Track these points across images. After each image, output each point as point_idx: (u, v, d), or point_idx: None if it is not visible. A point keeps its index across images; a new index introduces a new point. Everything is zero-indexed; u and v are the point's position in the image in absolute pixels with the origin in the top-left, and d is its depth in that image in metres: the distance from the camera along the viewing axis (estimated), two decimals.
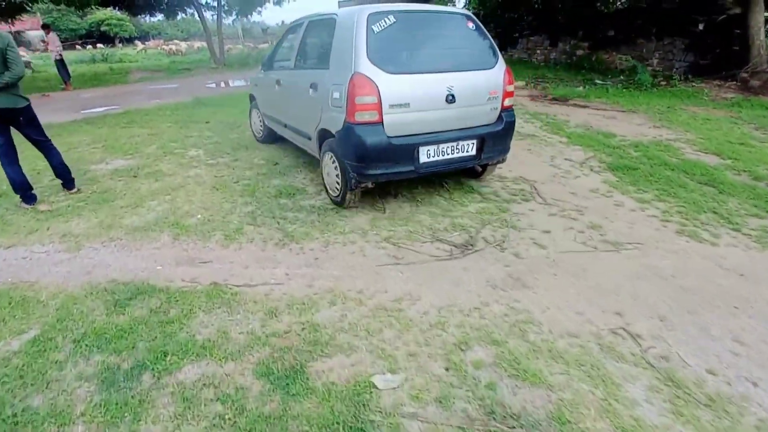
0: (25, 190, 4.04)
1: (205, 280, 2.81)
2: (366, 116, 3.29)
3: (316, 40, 4.33)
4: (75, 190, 4.42)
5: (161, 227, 3.61)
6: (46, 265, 3.10)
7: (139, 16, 24.37)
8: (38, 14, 18.82)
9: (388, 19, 3.38)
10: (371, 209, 3.85)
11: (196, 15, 19.62)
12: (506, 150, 4.00)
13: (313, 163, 5.07)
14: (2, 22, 15.02)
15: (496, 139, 3.77)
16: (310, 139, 4.15)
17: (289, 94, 4.57)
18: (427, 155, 3.51)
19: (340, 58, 3.49)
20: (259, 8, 20.48)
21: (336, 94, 3.46)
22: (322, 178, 4.03)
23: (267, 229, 3.53)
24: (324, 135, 3.79)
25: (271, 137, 5.78)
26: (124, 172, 5.10)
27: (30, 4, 14.84)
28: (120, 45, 44.53)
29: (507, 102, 3.82)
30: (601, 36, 12.39)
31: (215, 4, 19.03)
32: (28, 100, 3.88)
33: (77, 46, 40.14)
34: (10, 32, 11.49)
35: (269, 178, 4.71)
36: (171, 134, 6.87)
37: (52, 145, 4.17)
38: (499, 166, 4.42)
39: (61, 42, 14.32)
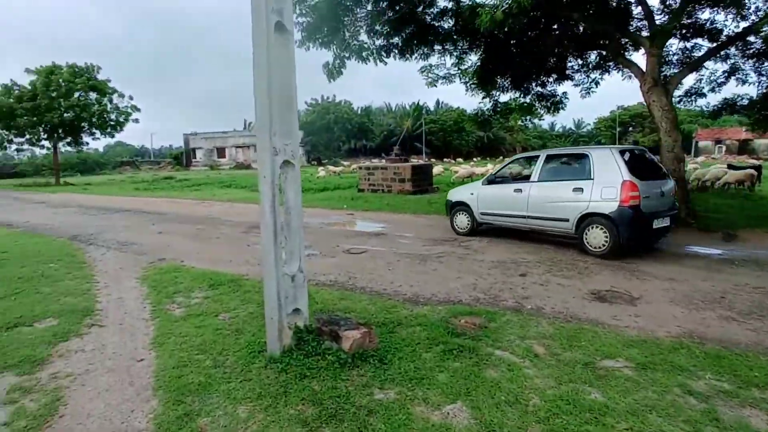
0: None
1: None
2: (633, 202, 6.32)
3: (565, 164, 7.63)
4: None
5: None
6: None
7: None
8: None
9: (626, 153, 6.85)
10: None
11: None
12: (677, 223, 7.49)
13: None
14: None
15: (675, 217, 7.23)
16: (566, 221, 6.93)
17: (541, 196, 7.30)
18: (655, 224, 6.56)
19: (606, 172, 6.58)
20: None
21: (608, 191, 6.45)
22: (584, 243, 6.80)
23: None
24: (587, 216, 6.70)
25: (473, 231, 8.52)
26: None
27: None
28: None
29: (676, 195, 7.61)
30: None
31: None
32: None
33: None
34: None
35: None
36: None
37: None
38: None
39: None
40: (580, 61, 13.76)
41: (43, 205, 16.67)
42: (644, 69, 9.71)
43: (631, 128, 68.57)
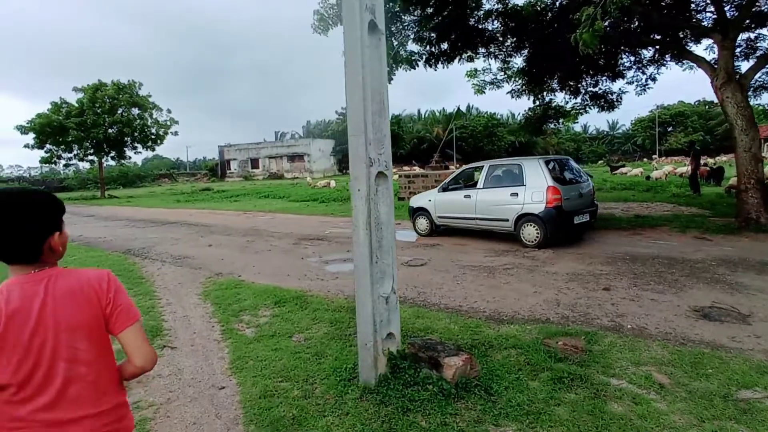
0: None
1: None
2: (556, 204, 7.55)
3: (504, 173, 8.59)
4: None
5: None
6: None
7: None
8: None
9: (550, 163, 8.20)
10: None
11: None
12: (596, 219, 8.88)
13: None
14: None
15: (595, 212, 8.60)
16: (507, 221, 8.14)
17: (486, 200, 8.49)
18: (576, 219, 7.89)
19: (535, 179, 7.81)
20: None
21: (537, 195, 7.70)
22: (520, 238, 7.98)
23: None
24: (522, 216, 7.90)
25: (432, 232, 9.68)
26: None
27: None
28: None
29: (594, 195, 9.00)
30: None
31: None
32: None
33: None
34: None
35: None
36: None
37: None
38: None
39: None
40: (633, 57, 13.13)
41: (93, 219, 17.10)
42: (714, 64, 9.08)
43: (671, 128, 65.88)
